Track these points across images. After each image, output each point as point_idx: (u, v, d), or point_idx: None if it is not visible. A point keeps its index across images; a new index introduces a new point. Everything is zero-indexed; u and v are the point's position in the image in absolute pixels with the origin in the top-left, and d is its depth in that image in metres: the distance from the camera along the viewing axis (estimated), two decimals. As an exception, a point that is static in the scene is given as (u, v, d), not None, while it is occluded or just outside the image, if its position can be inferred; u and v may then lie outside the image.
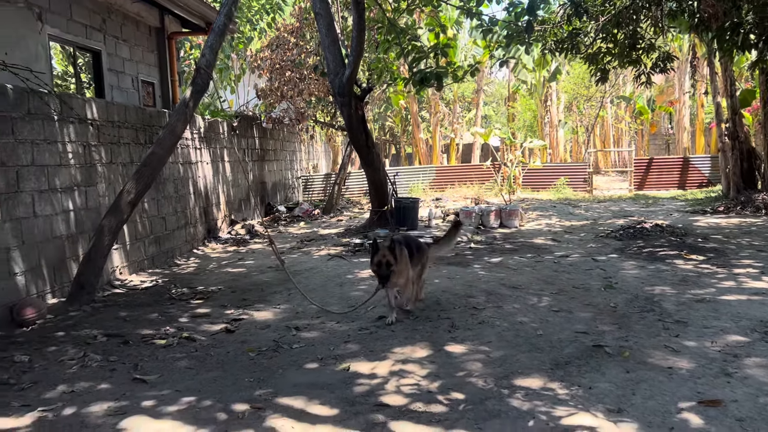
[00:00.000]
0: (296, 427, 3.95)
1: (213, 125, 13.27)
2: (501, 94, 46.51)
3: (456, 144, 29.15)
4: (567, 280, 7.90)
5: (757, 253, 9.14)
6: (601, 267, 8.65)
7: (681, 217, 13.86)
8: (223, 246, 12.46)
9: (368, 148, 12.67)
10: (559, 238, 11.57)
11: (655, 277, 7.85)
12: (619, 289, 7.29)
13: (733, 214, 13.85)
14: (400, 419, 4.00)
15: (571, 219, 14.33)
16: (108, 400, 4.48)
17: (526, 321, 6.11)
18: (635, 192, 20.49)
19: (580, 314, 6.29)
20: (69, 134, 7.93)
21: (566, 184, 20.42)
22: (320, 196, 20.72)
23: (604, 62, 13.67)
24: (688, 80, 23.94)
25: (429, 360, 5.13)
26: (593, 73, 13.93)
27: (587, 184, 20.83)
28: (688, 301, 6.58)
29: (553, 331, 5.76)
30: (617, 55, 13.49)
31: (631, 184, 21.16)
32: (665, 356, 4.93)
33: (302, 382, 4.76)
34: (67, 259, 7.81)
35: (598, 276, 8.08)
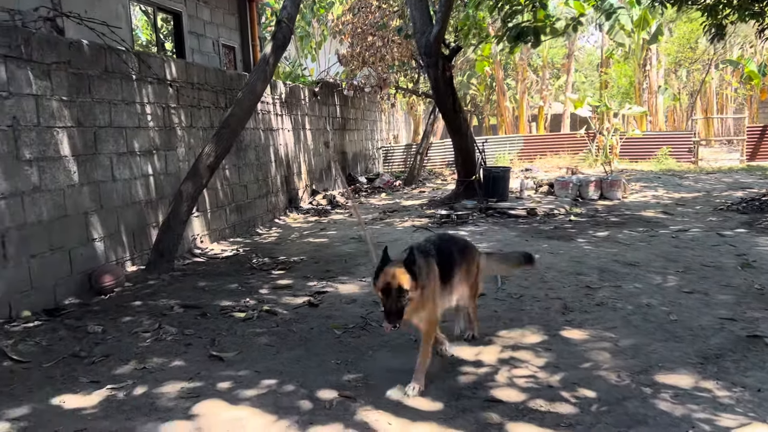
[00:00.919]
0: (393, 423, 3.31)
1: (294, 91, 12.79)
2: (591, 61, 43.99)
3: (544, 113, 27.56)
4: (692, 257, 6.85)
5: None
6: (730, 243, 7.50)
7: (812, 189, 12.20)
8: (305, 216, 12.04)
9: (455, 112, 11.80)
10: (671, 210, 10.36)
11: (802, 255, 6.68)
12: (760, 268, 6.21)
13: None
14: (519, 420, 3.28)
15: (680, 191, 12.95)
16: (181, 379, 4.00)
17: (654, 303, 5.20)
18: (747, 163, 18.53)
19: (719, 297, 5.31)
20: (147, 95, 7.57)
21: (669, 154, 18.72)
22: (400, 168, 20.03)
23: (722, 15, 12.08)
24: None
25: (543, 347, 4.36)
26: (707, 29, 12.36)
27: (692, 155, 19.02)
28: None
29: (690, 316, 4.83)
30: (738, 7, 11.88)
31: (743, 154, 19.17)
32: None
33: (396, 367, 4.11)
34: (146, 226, 7.52)
35: (729, 253, 6.97)
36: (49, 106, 5.96)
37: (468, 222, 10.12)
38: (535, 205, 11.02)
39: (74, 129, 6.30)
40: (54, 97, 6.02)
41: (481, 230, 9.27)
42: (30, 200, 5.68)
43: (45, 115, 5.90)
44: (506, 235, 8.71)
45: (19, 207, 5.56)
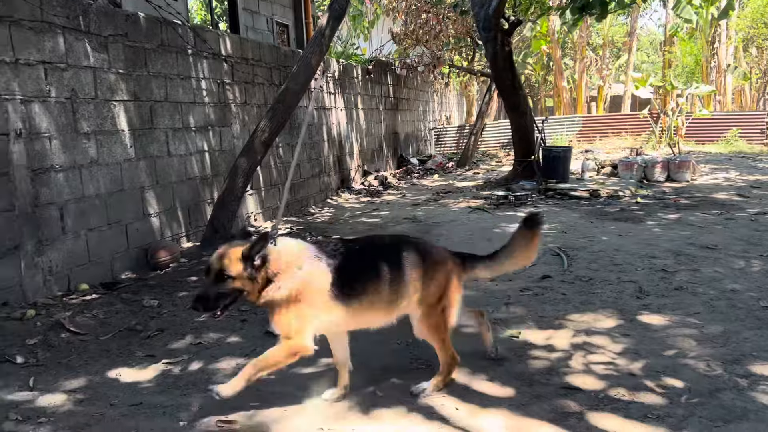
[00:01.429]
0: (461, 408, 3.07)
1: (347, 69, 12.58)
2: (651, 41, 42.21)
3: (604, 94, 26.51)
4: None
5: None
6: (818, 227, 6.93)
7: None
8: (356, 197, 11.88)
9: (514, 89, 11.35)
10: (746, 193, 9.70)
11: None
12: None
13: None
14: (600, 410, 2.99)
15: (754, 173, 12.17)
16: (237, 355, 3.87)
17: (740, 289, 4.78)
18: (827, 146, 17.35)
19: (814, 283, 4.84)
20: (203, 70, 7.48)
21: (739, 135, 17.68)
22: (453, 150, 19.62)
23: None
24: None
25: (620, 332, 4.03)
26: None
27: (765, 136, 17.93)
28: None
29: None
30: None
31: (823, 136, 17.95)
32: None
33: (461, 349, 3.85)
34: (201, 202, 7.47)
35: (819, 237, 6.42)
36: (107, 79, 5.91)
37: (527, 203, 9.74)
38: (598, 186, 10.52)
39: (131, 103, 6.25)
40: (111, 70, 5.97)
41: (541, 212, 8.87)
42: (88, 173, 5.66)
43: (102, 88, 5.86)
44: (568, 217, 8.31)
45: (78, 180, 5.54)
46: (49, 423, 3.03)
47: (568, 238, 6.98)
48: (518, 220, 8.13)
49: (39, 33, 5.12)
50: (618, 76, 31.05)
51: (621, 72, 29.56)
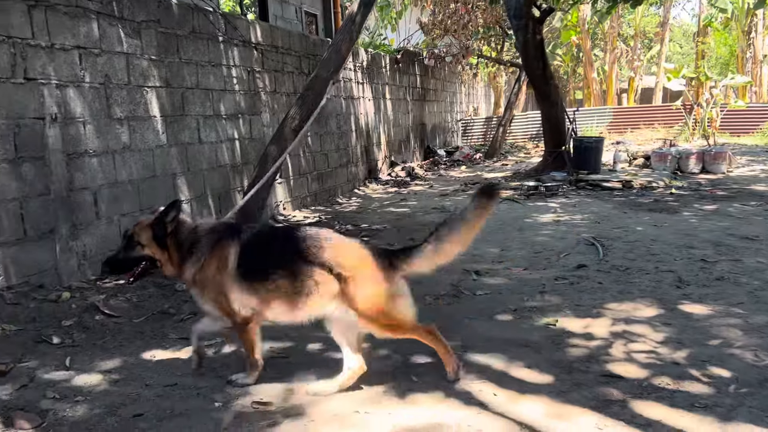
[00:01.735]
0: (499, 394, 3.00)
1: (375, 59, 12.51)
2: (684, 32, 41.30)
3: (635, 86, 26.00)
4: (821, 232, 6.13)
5: None
6: None
7: None
8: (384, 187, 11.83)
9: (545, 78, 11.17)
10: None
11: None
12: None
13: None
14: (643, 398, 2.89)
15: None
16: (271, 339, 3.84)
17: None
18: None
19: None
20: (233, 57, 7.48)
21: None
22: (480, 141, 19.42)
23: None
24: None
25: (661, 321, 3.92)
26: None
27: (803, 128, 17.40)
28: None
29: (833, 294, 4.24)
30: None
31: None
32: None
33: (496, 336, 3.80)
34: (231, 190, 7.48)
35: None
36: (139, 65, 5.94)
37: (558, 194, 9.59)
38: (631, 177, 10.30)
39: (162, 89, 6.27)
40: (144, 56, 5.99)
41: (573, 202, 8.74)
42: (120, 159, 5.69)
43: (135, 74, 5.88)
44: (601, 207, 8.16)
45: (111, 165, 5.58)
46: (86, 402, 3.04)
47: (601, 228, 6.84)
48: (549, 211, 8.06)
49: (74, 18, 5.15)
50: (649, 68, 30.44)
51: (652, 63, 28.96)
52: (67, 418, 2.88)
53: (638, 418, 2.70)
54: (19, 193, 4.65)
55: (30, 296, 4.47)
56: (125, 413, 2.92)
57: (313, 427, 2.74)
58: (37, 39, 4.79)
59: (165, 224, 3.01)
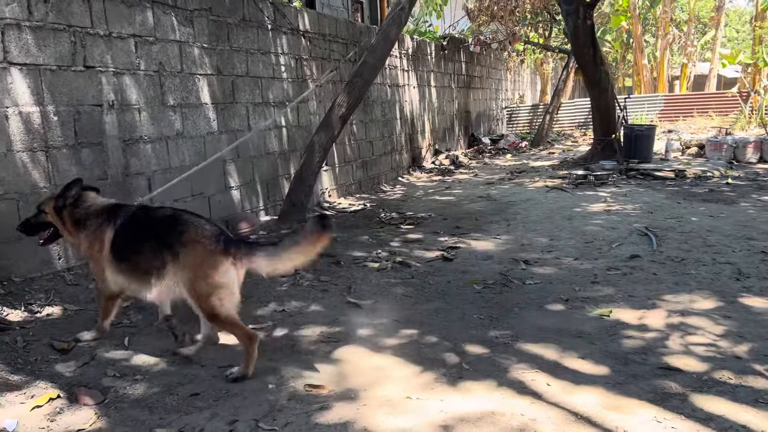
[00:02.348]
0: (553, 384, 2.97)
1: (421, 46, 12.41)
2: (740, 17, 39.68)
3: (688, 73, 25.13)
4: None
5: None
6: None
7: None
8: (428, 175, 11.78)
9: (596, 64, 10.89)
10: None
11: None
12: None
13: None
14: (704, 392, 2.81)
15: None
16: (320, 324, 3.89)
17: None
18: None
19: None
20: (281, 45, 7.53)
21: (842, 115, 16.36)
22: (526, 129, 19.12)
23: None
24: None
25: (720, 314, 3.80)
26: None
27: None
28: None
29: None
30: None
31: None
32: None
33: (548, 326, 3.74)
34: (278, 177, 7.56)
35: None
36: (191, 53, 6.03)
37: (608, 183, 9.38)
38: (684, 166, 9.99)
39: (213, 77, 6.36)
40: (196, 44, 6.08)
41: (623, 192, 8.53)
42: (174, 145, 5.81)
43: (187, 62, 5.98)
44: (653, 197, 7.94)
45: (164, 151, 5.70)
46: (145, 380, 3.13)
47: (654, 218, 6.66)
48: (599, 200, 7.88)
49: (130, 7, 5.26)
50: (703, 54, 29.35)
51: (706, 49, 27.91)
52: (127, 396, 2.97)
53: (699, 412, 2.63)
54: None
55: (89, 277, 4.61)
56: (183, 392, 2.99)
57: (365, 411, 2.76)
58: (95, 28, 4.92)
59: (64, 199, 3.42)
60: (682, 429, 2.51)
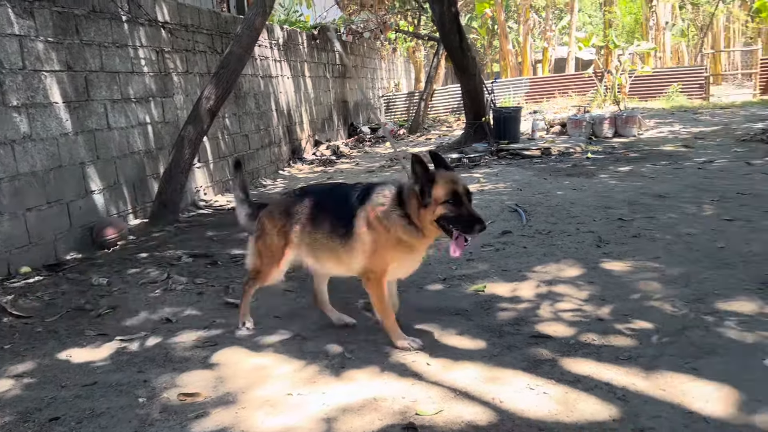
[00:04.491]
0: (433, 363, 3.00)
1: (292, 36, 12.22)
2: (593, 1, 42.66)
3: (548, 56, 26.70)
4: (725, 186, 6.50)
5: None
6: (762, 171, 7.14)
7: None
8: (309, 166, 11.67)
9: (463, 51, 11.24)
10: (692, 144, 9.96)
11: (843, 179, 6.32)
12: (802, 193, 5.86)
13: None
14: (572, 355, 2.97)
15: (697, 125, 12.50)
16: (196, 328, 3.70)
17: (695, 232, 4.87)
18: (760, 97, 17.96)
19: (764, 222, 4.98)
20: (140, 38, 7.09)
21: (679, 91, 18.12)
22: (403, 117, 19.47)
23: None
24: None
25: (585, 280, 4.04)
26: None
27: (703, 91, 18.44)
28: None
29: (738, 243, 4.50)
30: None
31: (756, 88, 18.58)
32: None
33: (428, 306, 3.81)
34: (147, 177, 7.14)
35: (764, 180, 6.62)
36: (35, 48, 5.51)
37: (480, 164, 9.74)
38: (549, 144, 10.61)
39: (63, 73, 5.85)
40: (39, 39, 5.56)
41: (495, 172, 8.89)
42: (21, 149, 5.29)
43: (30, 57, 5.45)
44: (523, 175, 8.34)
45: (10, 157, 5.17)
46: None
47: (524, 194, 6.99)
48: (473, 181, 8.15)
49: (-47, -3, 4.70)
50: (561, 38, 31.33)
51: (564, 34, 29.81)
52: (-27, 431, 2.66)
53: (567, 375, 2.77)
54: None
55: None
56: (41, 418, 2.72)
57: (243, 414, 2.64)
58: None
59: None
60: (553, 393, 2.63)
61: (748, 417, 2.33)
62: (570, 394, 2.61)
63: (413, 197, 2.95)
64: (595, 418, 2.42)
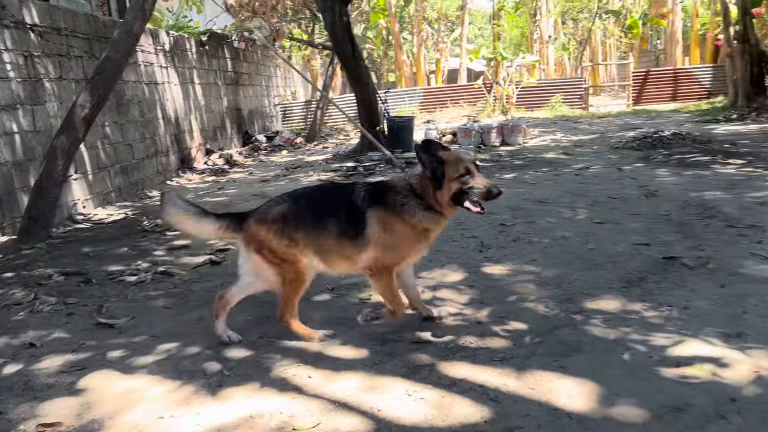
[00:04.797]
0: (314, 375, 2.97)
1: (179, 41, 11.81)
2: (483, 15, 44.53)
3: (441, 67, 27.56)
4: (598, 191, 6.94)
5: (799, 155, 8.25)
6: (630, 176, 7.69)
7: (694, 126, 12.88)
8: (200, 176, 11.30)
9: (355, 59, 11.34)
10: (571, 151, 10.57)
11: (697, 182, 6.92)
12: (663, 196, 6.35)
13: (749, 120, 12.92)
14: (450, 359, 3.03)
15: (576, 134, 13.31)
16: (63, 352, 3.45)
17: (569, 235, 5.15)
18: (633, 107, 19.45)
19: (630, 225, 5.34)
20: (4, 41, 6.58)
21: (562, 101, 19.26)
22: (301, 125, 19.35)
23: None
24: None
25: (466, 284, 4.15)
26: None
27: (583, 101, 19.71)
28: (752, 204, 5.66)
29: (606, 244, 4.80)
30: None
31: (629, 98, 20.09)
32: (759, 265, 4.01)
33: (315, 317, 3.76)
34: (16, 191, 6.62)
35: (632, 185, 7.13)
36: None
37: (375, 173, 9.83)
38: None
39: None
40: None
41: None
42: None
43: None
44: (415, 182, 8.48)
45: None
46: None
47: (414, 202, 7.10)
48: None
49: None
50: (454, 50, 32.42)
51: (456, 45, 30.88)
52: None
53: (444, 379, 2.82)
54: None
55: None
56: None
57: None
58: None
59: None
60: (430, 397, 2.67)
61: (607, 410, 2.47)
62: (446, 398, 2.66)
63: (427, 183, 3.12)
64: (469, 420, 2.48)
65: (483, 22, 42.81)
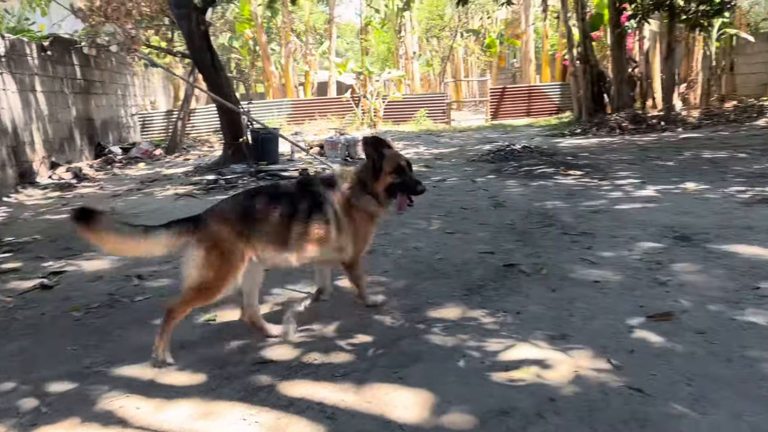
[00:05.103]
0: (143, 405, 2.77)
1: (17, 46, 10.82)
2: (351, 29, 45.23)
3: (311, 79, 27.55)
4: (452, 202, 7.21)
5: (629, 166, 9.09)
6: (483, 188, 8.08)
7: (543, 140, 13.88)
8: (43, 192, 10.40)
9: (215, 68, 10.99)
10: (431, 164, 10.94)
11: (541, 192, 7.41)
12: (509, 207, 6.72)
13: (590, 135, 14.12)
14: (292, 378, 2.96)
15: (438, 147, 13.83)
16: None
17: (422, 246, 5.29)
18: (491, 121, 20.60)
19: (478, 234, 5.59)
20: None
21: (426, 115, 19.96)
22: (162, 136, 18.46)
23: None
24: (541, 3, 24.02)
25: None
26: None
27: (446, 116, 20.55)
28: (585, 212, 6.13)
29: (455, 253, 4.98)
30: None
31: (488, 113, 21.25)
32: (586, 270, 4.33)
33: (150, 343, 3.51)
34: None
35: (483, 196, 7.48)
36: None
37: (237, 186, 9.55)
38: (307, 165, 10.83)
39: None
40: None
41: (250, 193, 8.77)
42: None
43: None
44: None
45: None
46: None
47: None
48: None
49: None
50: (323, 62, 32.59)
51: (325, 58, 31.08)
52: None
53: (283, 399, 2.75)
54: None
55: None
56: None
57: None
58: None
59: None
60: (265, 420, 2.58)
61: (438, 419, 2.52)
62: (282, 419, 2.58)
63: (370, 174, 3.50)
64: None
65: (352, 36, 43.47)
